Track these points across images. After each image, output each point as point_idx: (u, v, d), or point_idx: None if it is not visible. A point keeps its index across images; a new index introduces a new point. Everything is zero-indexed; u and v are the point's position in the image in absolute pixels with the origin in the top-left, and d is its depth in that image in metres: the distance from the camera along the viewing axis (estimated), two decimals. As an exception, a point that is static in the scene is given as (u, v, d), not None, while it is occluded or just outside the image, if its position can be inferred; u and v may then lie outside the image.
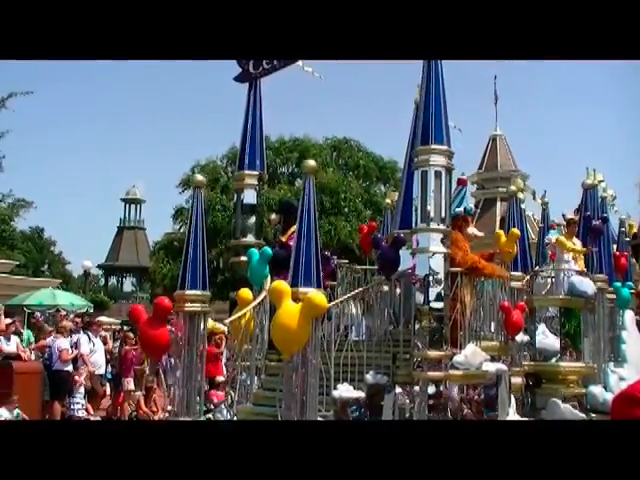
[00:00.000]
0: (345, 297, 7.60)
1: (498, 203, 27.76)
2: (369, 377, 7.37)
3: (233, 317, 7.49)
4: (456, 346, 7.62)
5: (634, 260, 13.91)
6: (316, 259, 6.66)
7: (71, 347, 14.49)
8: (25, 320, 21.96)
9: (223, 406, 8.39)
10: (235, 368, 8.09)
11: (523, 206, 10.36)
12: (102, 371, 16.05)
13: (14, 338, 14.25)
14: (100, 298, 42.63)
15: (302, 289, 6.52)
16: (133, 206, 54.87)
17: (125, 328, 21.61)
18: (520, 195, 10.08)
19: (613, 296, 11.41)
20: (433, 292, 7.33)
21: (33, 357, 14.69)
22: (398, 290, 7.88)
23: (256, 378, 7.96)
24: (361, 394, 7.23)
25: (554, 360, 10.42)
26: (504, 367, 8.63)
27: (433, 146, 7.44)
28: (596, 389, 10.29)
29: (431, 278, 7.30)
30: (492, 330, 9.25)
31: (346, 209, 35.47)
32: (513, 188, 9.73)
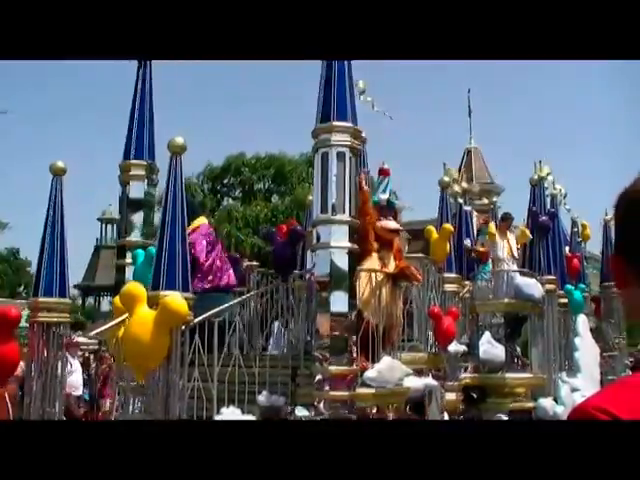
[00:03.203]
0: (230, 303, 6.09)
1: (474, 215, 26.51)
2: (262, 398, 5.91)
3: (101, 329, 6.02)
4: (369, 359, 6.17)
5: None
6: (183, 256, 5.22)
7: None
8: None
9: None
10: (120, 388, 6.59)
11: (460, 200, 8.91)
12: (80, 392, 14.81)
13: None
14: (77, 318, 40.68)
15: (163, 293, 5.07)
16: (110, 226, 53.04)
17: (103, 348, 20.20)
18: (456, 188, 8.65)
19: (565, 300, 10.06)
20: (337, 295, 5.90)
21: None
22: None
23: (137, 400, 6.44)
24: (252, 419, 5.76)
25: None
26: (433, 382, 7.19)
27: (335, 123, 6.03)
28: (546, 402, 8.89)
29: (334, 278, 5.88)
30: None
31: (324, 224, 34.02)
32: (446, 179, 8.30)
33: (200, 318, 5.54)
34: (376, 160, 7.33)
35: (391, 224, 7.02)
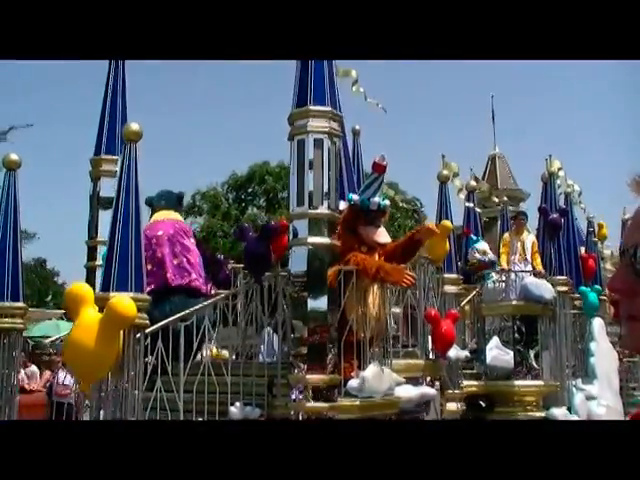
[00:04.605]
0: (197, 307, 5.46)
1: (499, 222, 25.61)
2: (235, 410, 5.28)
3: (58, 335, 5.45)
4: (353, 366, 5.50)
5: None
6: (136, 254, 4.62)
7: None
8: (28, 352, 20.06)
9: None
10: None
11: (462, 195, 8.20)
12: (87, 401, 14.28)
13: None
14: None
15: (113, 294, 4.48)
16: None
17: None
18: (457, 183, 7.96)
19: (580, 302, 9.29)
20: (316, 296, 5.25)
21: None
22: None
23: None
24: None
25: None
26: (431, 391, 6.50)
27: (312, 107, 5.39)
28: (559, 411, 8.11)
29: (312, 277, 5.23)
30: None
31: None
32: (445, 172, 7.60)
33: (163, 323, 4.95)
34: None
35: (382, 237, 6.17)
